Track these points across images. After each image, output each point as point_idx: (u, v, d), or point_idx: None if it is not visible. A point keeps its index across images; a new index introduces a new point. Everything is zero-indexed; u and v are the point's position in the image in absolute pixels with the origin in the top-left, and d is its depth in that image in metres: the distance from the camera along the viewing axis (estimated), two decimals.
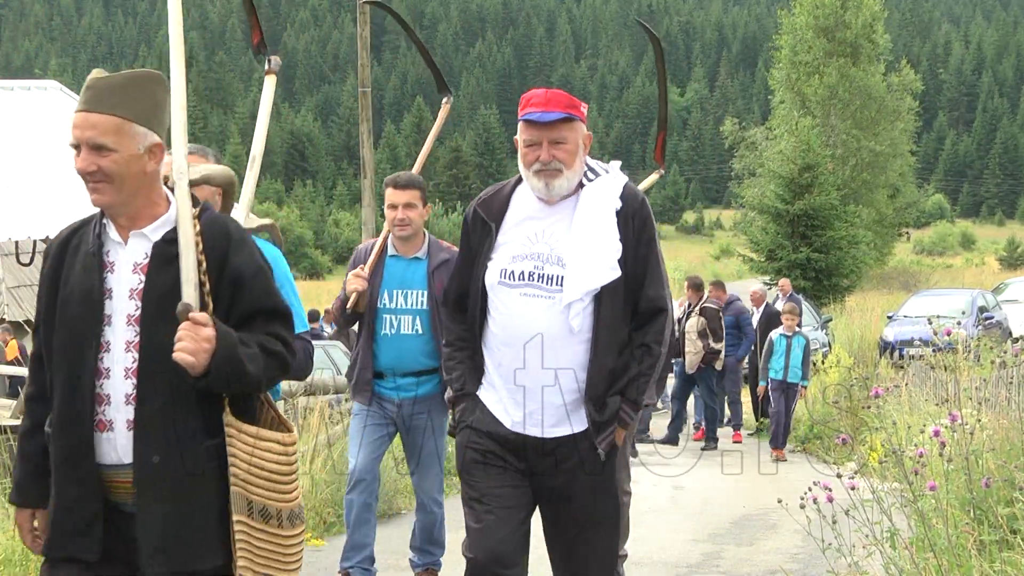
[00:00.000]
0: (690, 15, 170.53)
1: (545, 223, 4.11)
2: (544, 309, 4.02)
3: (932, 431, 5.09)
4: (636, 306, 4.11)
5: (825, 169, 35.76)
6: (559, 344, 4.02)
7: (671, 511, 9.79)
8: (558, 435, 4.06)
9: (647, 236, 4.13)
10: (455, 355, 4.24)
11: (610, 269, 4.00)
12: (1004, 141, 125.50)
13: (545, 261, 4.05)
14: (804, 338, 13.70)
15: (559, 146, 4.06)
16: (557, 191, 4.07)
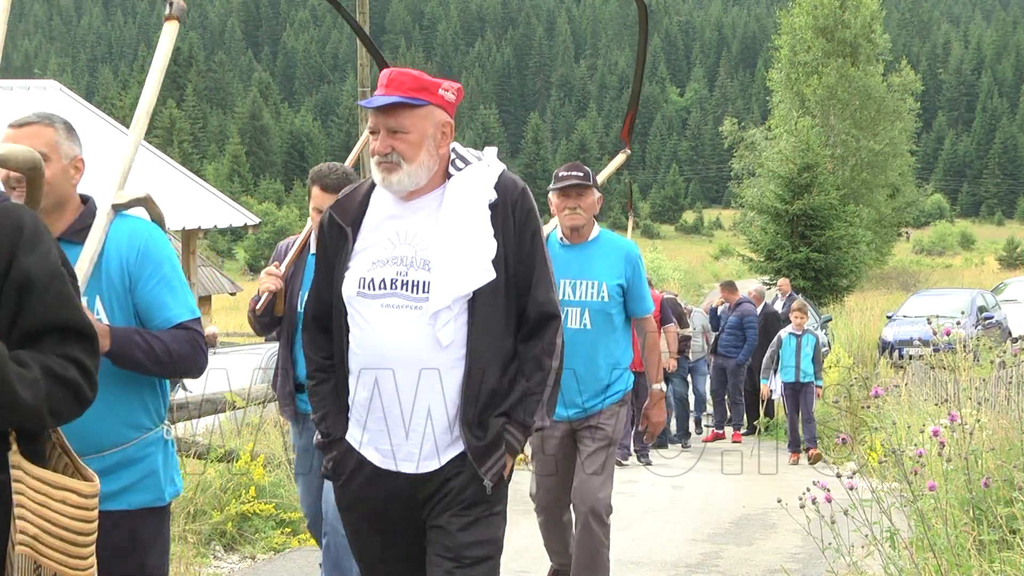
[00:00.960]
0: (690, 15, 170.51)
1: (408, 222, 3.57)
2: (410, 321, 3.47)
3: (931, 431, 5.10)
4: (522, 314, 3.58)
5: (824, 169, 35.76)
6: (428, 361, 3.47)
7: (671, 511, 9.79)
8: (433, 468, 3.52)
9: (531, 231, 3.59)
10: (318, 390, 3.65)
11: (483, 271, 3.47)
12: (1003, 141, 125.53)
13: (409, 265, 3.51)
14: (814, 336, 13.41)
15: (397, 136, 3.50)
16: (396, 187, 3.52)
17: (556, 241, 5.70)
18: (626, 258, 5.65)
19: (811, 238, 32.66)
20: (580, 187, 5.62)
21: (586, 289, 5.60)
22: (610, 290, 5.58)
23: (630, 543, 8.30)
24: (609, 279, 5.60)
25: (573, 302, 5.56)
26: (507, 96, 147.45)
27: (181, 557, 6.73)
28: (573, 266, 5.62)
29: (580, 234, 5.68)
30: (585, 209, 5.62)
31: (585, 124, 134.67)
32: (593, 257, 5.66)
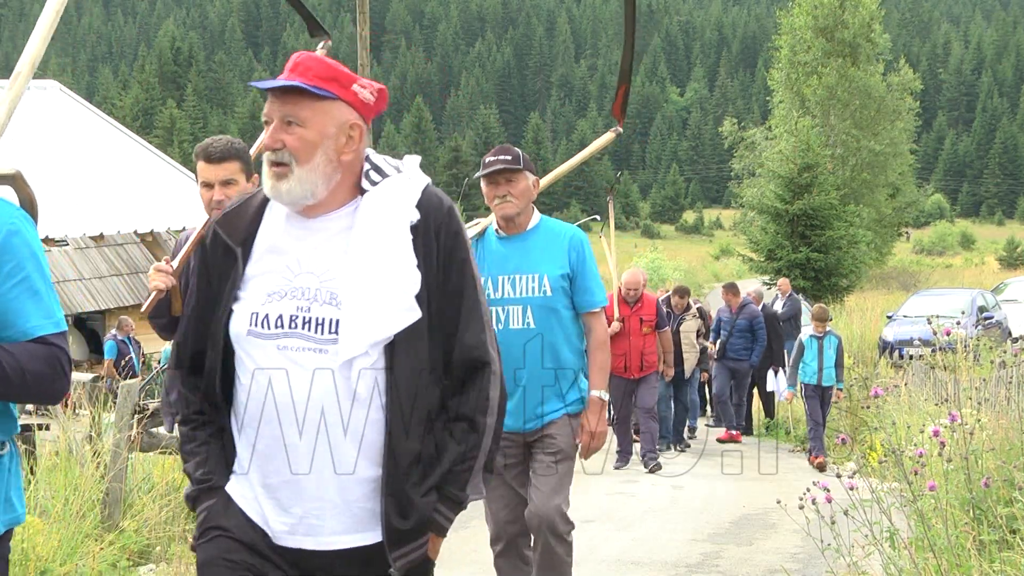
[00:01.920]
0: (690, 15, 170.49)
1: (311, 244, 2.88)
2: (313, 367, 2.82)
3: (932, 431, 5.09)
4: (450, 356, 2.94)
5: (824, 169, 35.79)
6: (342, 416, 2.81)
7: (671, 511, 9.79)
8: (342, 547, 2.87)
9: (459, 259, 2.94)
10: (193, 436, 2.99)
11: (405, 309, 2.82)
12: (1003, 141, 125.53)
13: (312, 299, 2.84)
14: (836, 337, 13.08)
15: (292, 129, 2.85)
16: (286, 198, 2.84)
17: (492, 235, 5.14)
18: (569, 245, 5.07)
19: (811, 238, 32.67)
20: (509, 172, 5.02)
21: (526, 284, 5.03)
22: (553, 283, 5.02)
23: (630, 543, 8.30)
24: (551, 270, 5.03)
25: (513, 299, 5.03)
26: (507, 96, 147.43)
27: (181, 557, 6.74)
28: (511, 260, 5.07)
29: (515, 224, 5.09)
30: (517, 196, 5.02)
31: (585, 124, 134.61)
32: (532, 248, 5.08)
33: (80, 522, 6.53)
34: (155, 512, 7.17)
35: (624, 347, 12.06)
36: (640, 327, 12.19)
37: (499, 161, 5.00)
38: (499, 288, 5.03)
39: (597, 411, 5.10)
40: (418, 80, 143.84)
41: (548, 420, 5.04)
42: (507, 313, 5.02)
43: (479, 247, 5.09)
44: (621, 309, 12.14)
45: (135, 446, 7.29)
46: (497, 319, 4.97)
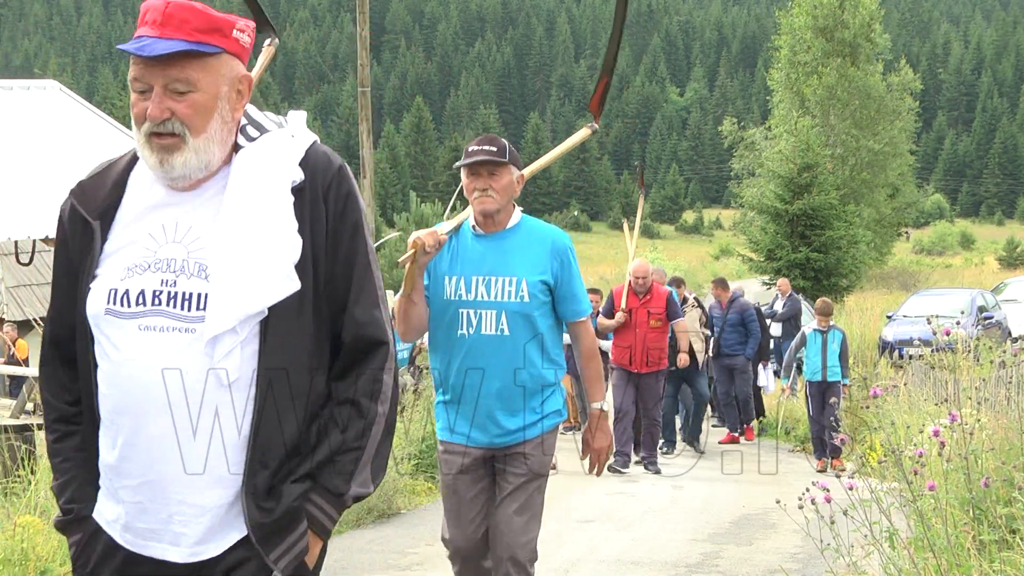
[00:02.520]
0: (690, 15, 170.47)
1: (179, 212, 2.54)
2: (179, 349, 2.46)
3: (931, 431, 5.10)
4: (337, 339, 2.59)
5: (824, 169, 35.79)
6: (204, 404, 2.47)
7: (671, 511, 9.79)
8: (209, 555, 2.51)
9: (350, 224, 2.58)
10: (58, 448, 2.64)
11: (282, 279, 2.48)
12: (1003, 141, 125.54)
13: (179, 272, 2.49)
14: (840, 332, 12.87)
15: (181, 97, 2.47)
16: (180, 172, 2.49)
17: (468, 231, 4.73)
18: (552, 250, 4.68)
19: (811, 238, 32.67)
20: (492, 164, 4.63)
21: (502, 287, 4.62)
22: (531, 288, 4.61)
23: (630, 543, 8.30)
24: (530, 275, 4.63)
25: (487, 303, 4.62)
26: (507, 96, 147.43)
27: None
28: (487, 260, 4.66)
29: (495, 221, 4.69)
30: (499, 191, 4.62)
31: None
32: (511, 249, 4.68)
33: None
34: None
35: (630, 339, 11.85)
36: (648, 319, 11.85)
37: (483, 152, 4.62)
38: (472, 290, 4.63)
39: (599, 425, 4.79)
40: (418, 80, 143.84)
41: (522, 438, 4.63)
42: (479, 317, 4.61)
43: (453, 243, 4.72)
44: (629, 300, 11.87)
45: None
46: (468, 323, 4.62)
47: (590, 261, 65.25)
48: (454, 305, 4.64)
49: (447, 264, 4.68)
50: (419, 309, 4.66)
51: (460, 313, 4.63)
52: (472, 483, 4.72)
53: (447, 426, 4.72)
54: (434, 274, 4.68)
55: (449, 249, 4.70)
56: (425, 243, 4.44)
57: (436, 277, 4.68)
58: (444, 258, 4.68)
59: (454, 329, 4.64)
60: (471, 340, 4.61)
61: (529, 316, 4.63)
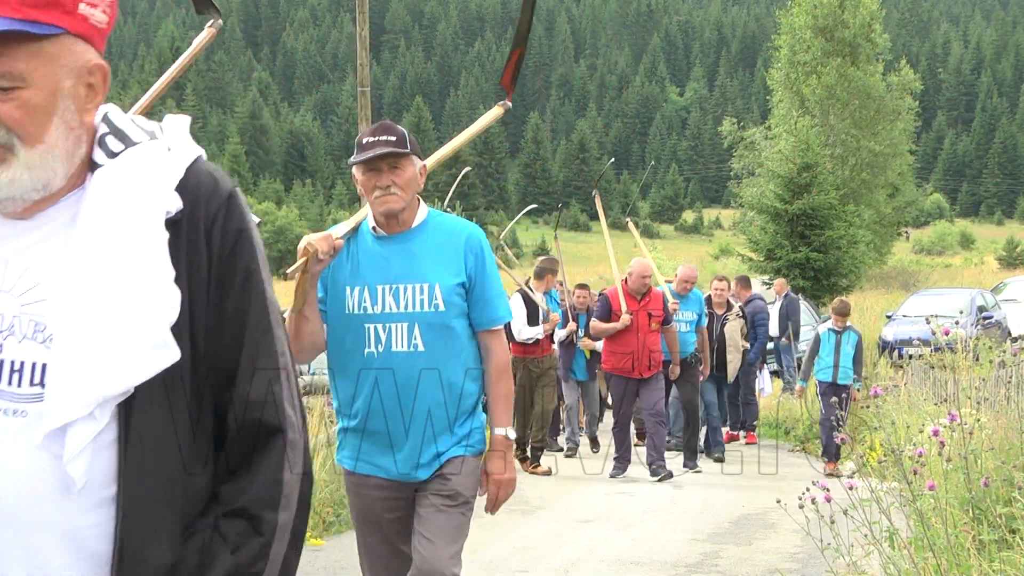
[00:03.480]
0: (689, 15, 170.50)
1: (8, 250, 1.85)
2: (9, 440, 1.78)
3: (931, 431, 5.10)
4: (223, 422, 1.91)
5: (824, 169, 35.78)
6: (46, 514, 1.77)
7: (670, 511, 9.79)
8: None
9: (242, 270, 1.91)
10: None
11: (152, 348, 1.80)
12: (1003, 141, 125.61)
13: (8, 332, 1.81)
14: (856, 334, 12.44)
15: (4, 96, 1.79)
16: (4, 193, 1.81)
17: (368, 233, 4.12)
18: (466, 247, 4.07)
19: (811, 238, 32.67)
20: (394, 157, 4.00)
21: (413, 296, 4.01)
22: (446, 294, 4.01)
23: (630, 543, 8.30)
24: (443, 278, 4.02)
25: (397, 315, 4.01)
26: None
27: None
28: (393, 265, 4.05)
29: (400, 221, 4.06)
30: (403, 187, 4.01)
31: (585, 124, 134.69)
32: (419, 251, 4.06)
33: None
34: None
35: (631, 345, 11.37)
36: (648, 322, 11.43)
37: (381, 143, 3.98)
38: (379, 301, 4.02)
39: (503, 454, 4.11)
40: (417, 80, 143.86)
41: (443, 459, 4.03)
42: (389, 332, 4.00)
43: (351, 249, 4.10)
44: (628, 303, 11.39)
45: None
46: (376, 339, 4.00)
47: (589, 261, 65.30)
48: (358, 320, 4.02)
49: (347, 273, 4.06)
50: (313, 325, 4.05)
51: (366, 329, 4.01)
52: (393, 521, 4.14)
53: (355, 455, 4.11)
54: (332, 285, 4.07)
55: (348, 255, 4.10)
56: (318, 249, 3.88)
57: (335, 288, 4.07)
58: (343, 266, 4.07)
59: (360, 347, 4.01)
60: (381, 359, 3.99)
61: (447, 327, 4.00)
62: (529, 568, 7.42)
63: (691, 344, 12.49)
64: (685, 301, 12.54)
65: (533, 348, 11.99)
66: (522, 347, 11.90)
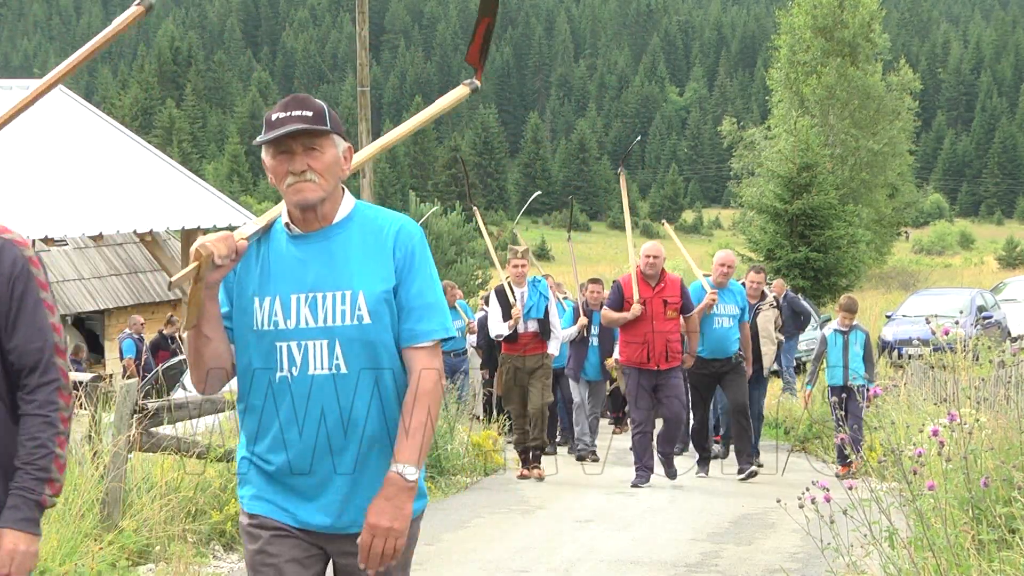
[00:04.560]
0: (689, 15, 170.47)
1: None
2: None
3: (931, 431, 5.10)
4: None
5: (824, 169, 35.80)
6: None
7: (670, 510, 9.79)
8: None
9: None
10: None
11: None
12: (1003, 140, 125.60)
13: None
14: (863, 332, 11.92)
15: None
16: None
17: (281, 232, 3.39)
18: (396, 244, 3.35)
19: (810, 238, 32.68)
20: (309, 136, 3.28)
21: (333, 307, 3.30)
22: (373, 304, 3.29)
23: (630, 543, 8.30)
24: (370, 284, 3.31)
25: (314, 330, 3.29)
26: (506, 96, 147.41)
27: (181, 557, 6.74)
28: (310, 270, 3.33)
29: (318, 215, 3.34)
30: (321, 172, 3.28)
31: (584, 124, 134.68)
32: (342, 251, 3.34)
33: (80, 522, 6.53)
34: (154, 512, 7.17)
35: (645, 333, 10.65)
36: (664, 310, 10.66)
37: (293, 119, 3.26)
38: (292, 314, 3.31)
39: (394, 497, 3.22)
40: (417, 80, 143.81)
41: None
42: (305, 351, 3.29)
43: (261, 252, 3.39)
44: (642, 290, 10.69)
45: (135, 446, 7.30)
46: (290, 360, 3.29)
47: (589, 261, 65.31)
48: (269, 337, 3.30)
49: (255, 280, 3.35)
50: (216, 346, 3.34)
51: (277, 348, 3.30)
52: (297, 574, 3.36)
53: (260, 495, 3.38)
54: (237, 296, 3.37)
55: (257, 259, 3.38)
56: (215, 253, 3.20)
57: (241, 300, 3.35)
58: (250, 272, 3.36)
59: (270, 370, 3.31)
60: (296, 384, 3.29)
61: (374, 344, 3.29)
62: (529, 568, 7.42)
63: (734, 341, 11.48)
64: (724, 293, 11.52)
65: (518, 346, 11.35)
66: (508, 345, 11.44)
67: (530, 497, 10.39)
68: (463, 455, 11.75)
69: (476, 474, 11.78)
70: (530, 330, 11.34)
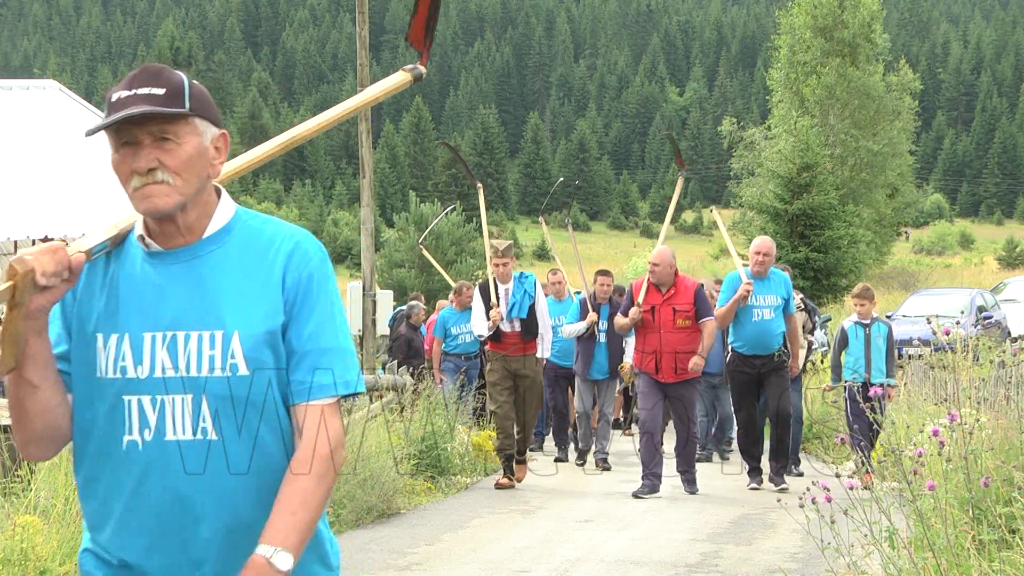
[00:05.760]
0: (689, 15, 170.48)
1: None
2: None
3: (931, 431, 5.10)
4: None
5: (824, 169, 35.83)
6: None
7: (670, 511, 9.79)
8: None
9: None
10: None
11: None
12: (1003, 141, 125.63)
13: None
14: (886, 326, 11.22)
15: None
16: None
17: (135, 248, 2.52)
18: (289, 268, 2.48)
19: (810, 238, 32.70)
20: (159, 120, 2.40)
21: (198, 351, 2.43)
22: (252, 348, 2.43)
23: (630, 543, 8.30)
24: (247, 322, 2.43)
25: (174, 381, 2.42)
26: (506, 96, 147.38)
27: None
28: (169, 300, 2.45)
29: (180, 227, 2.47)
30: (178, 170, 2.41)
31: (584, 124, 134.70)
32: (214, 276, 2.47)
33: (80, 522, 6.54)
34: None
35: (654, 343, 10.22)
36: (674, 318, 10.19)
37: (138, 99, 2.39)
38: (146, 358, 2.43)
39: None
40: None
41: None
42: (161, 410, 2.42)
43: (108, 273, 2.50)
44: (649, 296, 10.29)
45: None
46: (143, 421, 2.43)
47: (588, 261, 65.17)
48: (114, 388, 2.43)
49: (99, 311, 2.47)
50: (44, 398, 2.44)
51: (125, 403, 2.43)
52: None
53: None
54: (77, 331, 2.48)
55: (103, 283, 2.50)
56: (37, 269, 2.30)
57: (81, 337, 2.48)
58: (94, 299, 2.49)
59: (115, 434, 2.44)
60: (148, 452, 2.42)
61: (252, 402, 2.44)
62: (529, 568, 7.42)
63: (776, 336, 10.67)
64: (763, 282, 10.65)
65: (503, 345, 10.82)
66: (493, 344, 10.90)
67: (530, 497, 10.39)
68: (463, 455, 11.76)
69: (476, 474, 11.79)
70: (515, 329, 10.82)
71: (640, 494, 10.28)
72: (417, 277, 38.43)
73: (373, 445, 9.56)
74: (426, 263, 35.06)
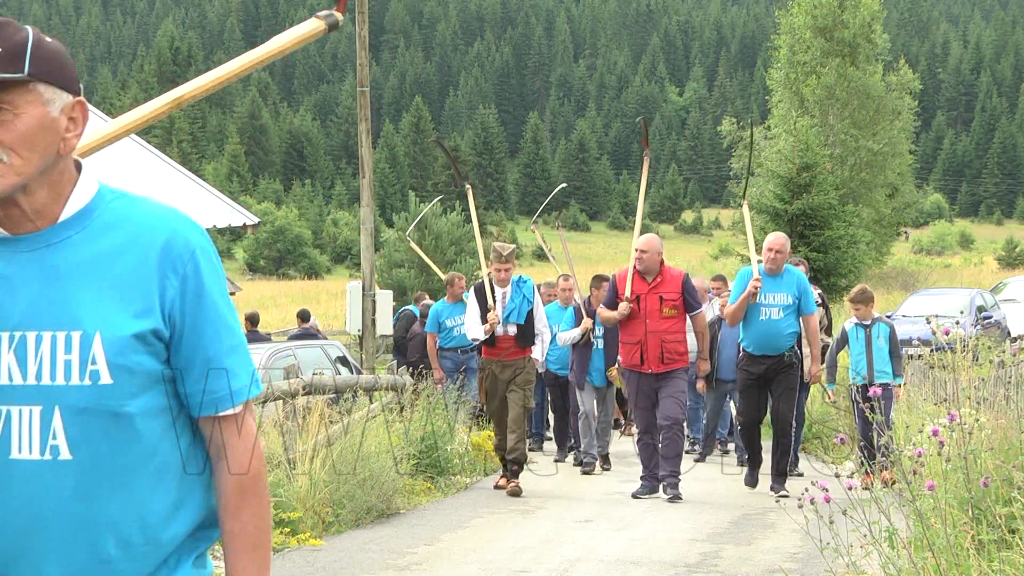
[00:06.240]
0: (689, 15, 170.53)
1: None
2: None
3: (931, 431, 5.10)
4: None
5: (823, 169, 35.85)
6: None
7: (670, 511, 9.78)
8: None
9: None
10: None
11: None
12: (1002, 141, 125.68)
13: None
14: (887, 326, 11.04)
15: None
16: None
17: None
18: (163, 259, 2.10)
19: (810, 238, 32.71)
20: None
21: (52, 355, 2.05)
22: (115, 352, 2.05)
23: (630, 543, 8.30)
24: (111, 322, 2.06)
25: (19, 390, 2.05)
26: (506, 96, 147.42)
27: None
28: (18, 295, 2.08)
29: (25, 210, 2.09)
30: (16, 144, 2.04)
31: (584, 124, 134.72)
32: (70, 268, 2.09)
33: None
34: None
35: (639, 333, 9.94)
36: (660, 307, 9.92)
37: None
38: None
39: None
40: (417, 80, 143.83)
41: None
42: (7, 423, 2.05)
43: None
44: (635, 286, 10.01)
45: None
46: None
47: (588, 261, 65.28)
48: None
49: None
50: None
51: None
52: None
53: None
54: None
55: None
56: None
57: None
58: None
59: None
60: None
61: (117, 416, 2.06)
62: (529, 568, 7.42)
63: (787, 337, 10.23)
64: (774, 279, 10.20)
65: (497, 350, 10.51)
66: (487, 349, 10.59)
67: (530, 497, 10.39)
68: (463, 455, 11.75)
69: (476, 474, 11.79)
70: (510, 334, 10.47)
71: (640, 494, 10.25)
72: (417, 277, 38.43)
73: (373, 445, 9.56)
74: (426, 263, 35.04)
